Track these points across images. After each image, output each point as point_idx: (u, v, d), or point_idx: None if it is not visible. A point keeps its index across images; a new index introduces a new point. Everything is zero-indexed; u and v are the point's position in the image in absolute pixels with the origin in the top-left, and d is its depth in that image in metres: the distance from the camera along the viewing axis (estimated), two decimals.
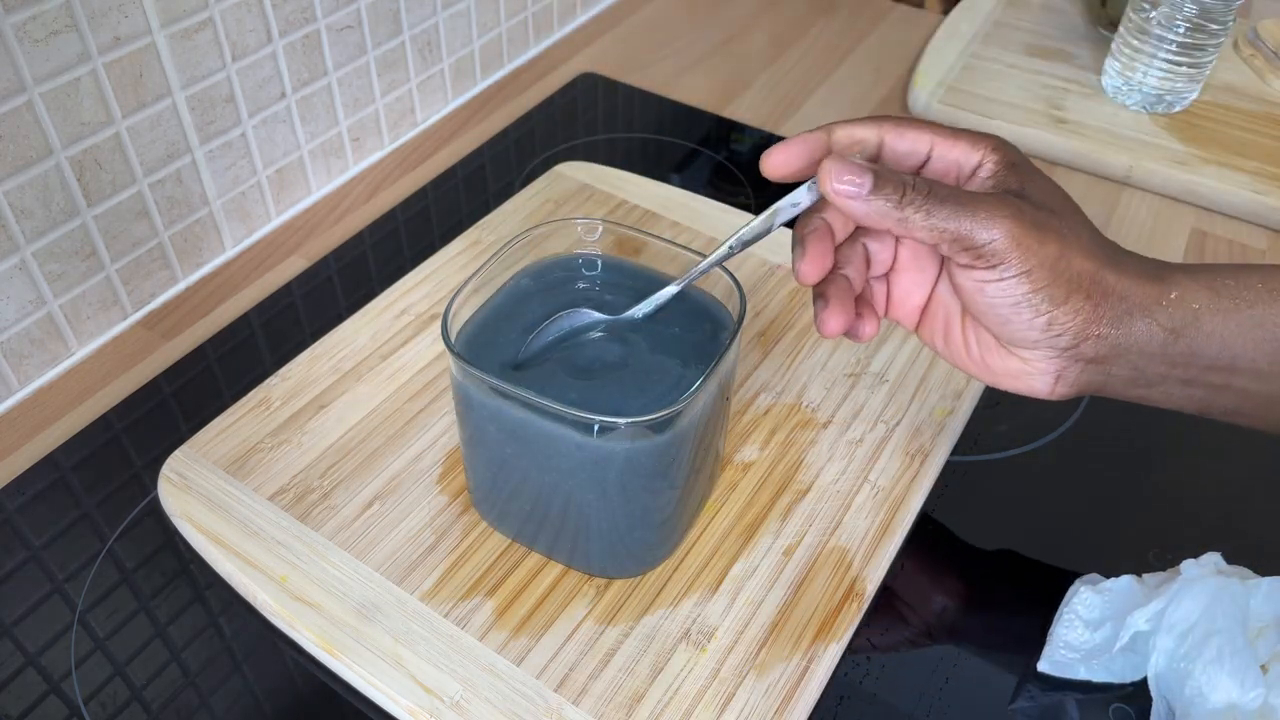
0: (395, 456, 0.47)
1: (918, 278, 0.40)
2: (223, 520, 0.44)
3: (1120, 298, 0.36)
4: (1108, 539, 0.47)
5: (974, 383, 0.51)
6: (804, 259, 0.38)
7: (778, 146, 0.38)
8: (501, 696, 0.38)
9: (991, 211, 0.34)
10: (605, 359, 0.40)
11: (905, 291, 0.41)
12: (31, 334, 0.52)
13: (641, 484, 0.39)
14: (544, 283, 0.43)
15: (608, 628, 0.41)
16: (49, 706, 0.40)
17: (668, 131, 0.75)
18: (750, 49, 0.84)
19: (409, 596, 0.42)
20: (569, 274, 0.44)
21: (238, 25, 0.56)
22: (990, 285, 0.35)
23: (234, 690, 0.41)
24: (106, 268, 0.55)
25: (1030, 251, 0.34)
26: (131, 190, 0.54)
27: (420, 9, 0.68)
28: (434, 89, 0.73)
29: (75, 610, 0.43)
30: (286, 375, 0.51)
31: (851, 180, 0.34)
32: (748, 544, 0.44)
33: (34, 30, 0.46)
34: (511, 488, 0.41)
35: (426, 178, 0.69)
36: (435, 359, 0.52)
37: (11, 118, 0.47)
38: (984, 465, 0.50)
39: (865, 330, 0.40)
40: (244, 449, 0.47)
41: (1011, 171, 0.36)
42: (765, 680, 0.39)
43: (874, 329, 0.40)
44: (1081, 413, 0.53)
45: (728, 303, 0.42)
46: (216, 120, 0.57)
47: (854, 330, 0.40)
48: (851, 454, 0.48)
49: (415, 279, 0.57)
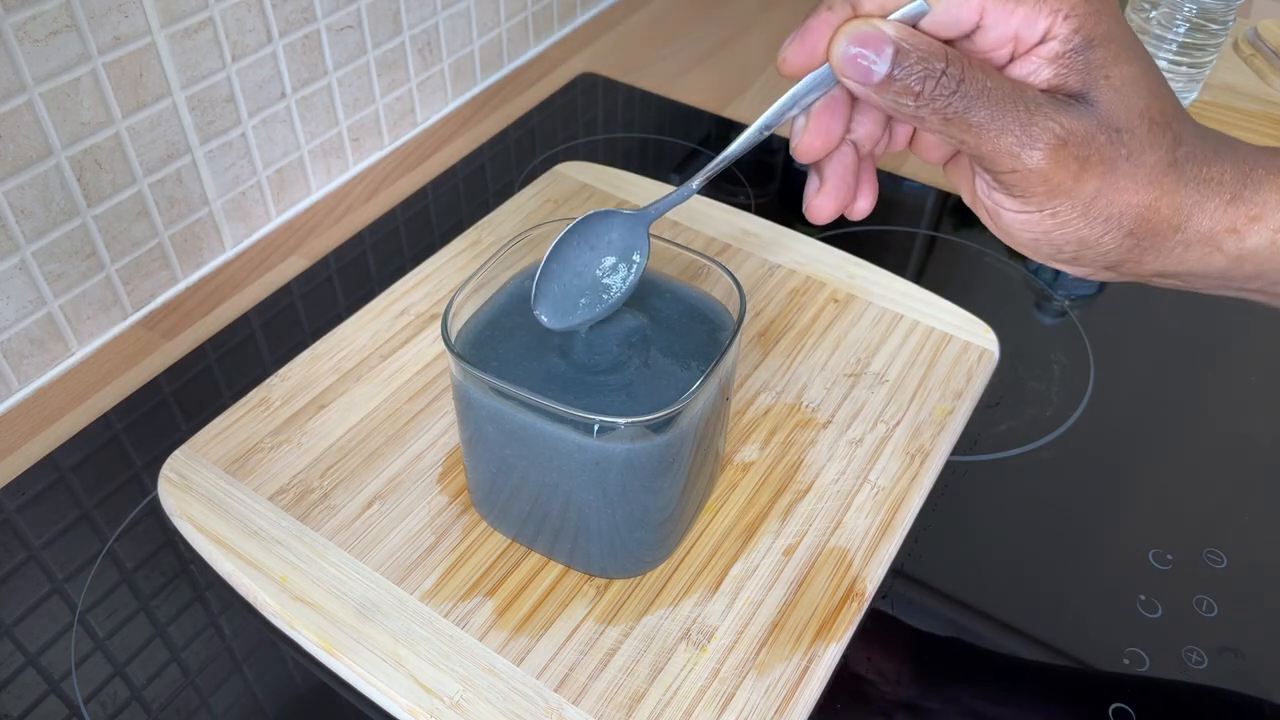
0: (395, 456, 0.47)
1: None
2: (223, 520, 0.44)
3: (1175, 229, 0.30)
4: (1108, 539, 0.47)
5: (974, 383, 0.51)
6: (807, 131, 0.32)
7: (795, 35, 0.31)
8: (501, 696, 0.38)
9: (1022, 136, 0.28)
10: (605, 358, 0.40)
11: (932, 141, 0.35)
12: (31, 334, 0.52)
13: (641, 484, 0.39)
14: None
15: (608, 628, 0.41)
16: (49, 706, 0.40)
17: (668, 131, 0.75)
18: (750, 49, 0.84)
19: (409, 596, 0.42)
20: None
21: (238, 25, 0.56)
22: (1007, 214, 0.31)
23: (234, 690, 0.41)
24: (106, 268, 0.55)
25: (1060, 189, 0.29)
26: (131, 190, 0.54)
27: (420, 9, 0.68)
28: (434, 89, 0.73)
29: (75, 610, 0.43)
30: (286, 375, 0.51)
31: (864, 56, 0.28)
32: (748, 544, 0.44)
33: (34, 30, 0.46)
34: (511, 488, 0.41)
35: (426, 178, 0.69)
36: (435, 359, 0.52)
37: (11, 118, 0.47)
38: (984, 465, 0.50)
39: (859, 208, 0.35)
40: (244, 449, 0.47)
41: (1086, 53, 0.29)
42: (765, 680, 0.39)
43: (869, 205, 0.35)
44: (1081, 413, 0.53)
45: (728, 303, 0.42)
46: (216, 120, 0.57)
47: (847, 209, 0.34)
48: (851, 454, 0.48)
49: (415, 279, 0.57)
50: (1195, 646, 0.42)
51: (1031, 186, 0.29)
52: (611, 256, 0.39)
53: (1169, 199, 0.30)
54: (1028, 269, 0.62)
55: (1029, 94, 0.29)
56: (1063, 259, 0.31)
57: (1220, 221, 0.30)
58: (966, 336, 0.54)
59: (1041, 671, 0.42)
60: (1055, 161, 0.28)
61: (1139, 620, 0.43)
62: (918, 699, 0.41)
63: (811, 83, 0.32)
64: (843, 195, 0.33)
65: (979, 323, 0.54)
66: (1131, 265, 0.31)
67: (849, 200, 0.34)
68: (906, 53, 0.28)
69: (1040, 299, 0.60)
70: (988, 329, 0.54)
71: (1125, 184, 0.29)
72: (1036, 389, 0.54)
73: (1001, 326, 0.54)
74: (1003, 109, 0.28)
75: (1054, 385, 0.54)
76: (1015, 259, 0.63)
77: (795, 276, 0.57)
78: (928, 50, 0.28)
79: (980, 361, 0.52)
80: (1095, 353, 0.56)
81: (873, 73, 0.28)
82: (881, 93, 0.28)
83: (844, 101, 0.32)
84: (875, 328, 0.54)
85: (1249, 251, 0.31)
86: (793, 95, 0.32)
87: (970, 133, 0.28)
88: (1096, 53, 0.29)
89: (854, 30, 0.28)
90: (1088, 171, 0.29)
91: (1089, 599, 0.44)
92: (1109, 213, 0.29)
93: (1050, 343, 0.57)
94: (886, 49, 0.28)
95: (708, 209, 0.62)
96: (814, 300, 0.56)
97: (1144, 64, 0.30)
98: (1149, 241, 0.30)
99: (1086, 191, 0.29)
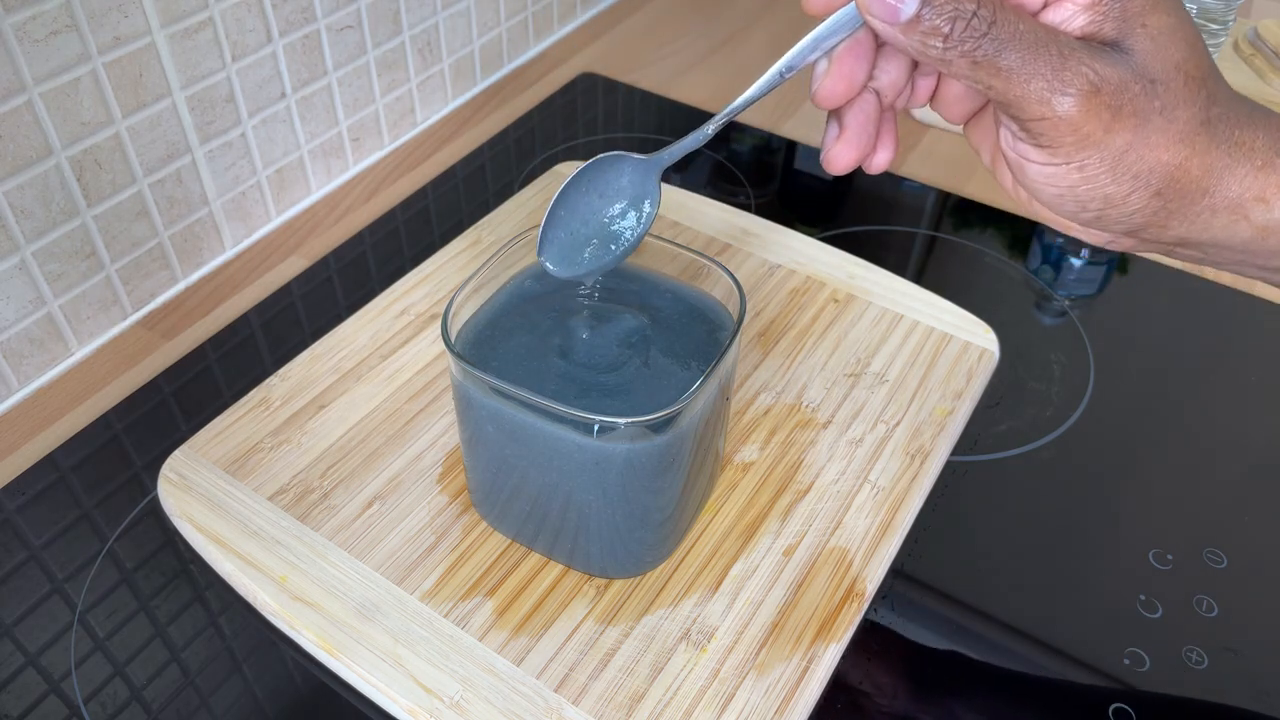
0: (395, 456, 0.47)
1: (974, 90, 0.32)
2: (223, 520, 0.44)
3: (1204, 193, 0.29)
4: (1108, 539, 0.47)
5: (974, 382, 0.51)
6: (829, 75, 0.31)
7: None
8: (501, 696, 0.38)
9: (1054, 80, 0.27)
10: (606, 358, 0.40)
11: (955, 95, 0.34)
12: (31, 334, 0.52)
13: (641, 484, 0.39)
14: (544, 283, 0.43)
15: (608, 628, 0.41)
16: (49, 706, 0.40)
17: (668, 131, 0.75)
18: (750, 49, 0.84)
19: (409, 596, 0.42)
20: None
21: (238, 25, 0.56)
22: (1032, 166, 0.29)
23: (234, 690, 0.41)
24: (106, 268, 0.55)
25: (1090, 140, 0.28)
26: (131, 190, 0.54)
27: (420, 9, 0.68)
28: (434, 89, 0.73)
29: (75, 610, 0.43)
30: (286, 375, 0.51)
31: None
32: (748, 544, 0.44)
33: (34, 30, 0.46)
34: (511, 488, 0.41)
35: (426, 178, 0.69)
36: (435, 359, 0.52)
37: (11, 118, 0.47)
38: (984, 465, 0.50)
39: (878, 160, 0.34)
40: (244, 449, 0.47)
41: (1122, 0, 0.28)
42: (765, 680, 0.39)
43: (888, 158, 0.34)
44: (1081, 413, 0.53)
45: (728, 303, 0.42)
46: (216, 120, 0.57)
47: (866, 161, 0.33)
48: (851, 454, 0.48)
49: (415, 279, 0.57)
50: (1195, 646, 0.42)
51: (1060, 135, 0.28)
52: (621, 203, 0.38)
53: (1200, 159, 0.29)
54: (1028, 269, 0.62)
55: (1062, 39, 0.28)
56: (1086, 218, 0.30)
57: (1250, 188, 0.29)
58: (966, 336, 0.54)
59: (1041, 671, 0.42)
60: (1087, 109, 0.27)
61: (1139, 620, 0.43)
62: (918, 699, 0.41)
63: (835, 24, 0.30)
64: (863, 145, 0.32)
65: (979, 323, 0.54)
66: (1155, 230, 0.30)
67: (868, 151, 0.33)
68: None
69: (1040, 299, 0.60)
70: (988, 329, 0.54)
71: (1157, 139, 0.28)
72: (1036, 389, 0.54)
73: (1001, 326, 0.54)
74: (1034, 53, 0.27)
75: (1054, 385, 0.54)
76: (1015, 259, 0.63)
77: (795, 276, 0.57)
78: None
79: (980, 361, 0.52)
80: (1095, 353, 0.56)
81: (900, 12, 0.27)
82: (909, 34, 0.27)
83: (868, 46, 0.31)
84: (875, 328, 0.54)
85: (1276, 223, 0.30)
86: (814, 38, 0.31)
87: (1000, 77, 0.27)
88: (1133, 0, 0.28)
89: None
90: (1119, 122, 0.28)
91: (1089, 599, 0.44)
92: (1138, 168, 0.28)
93: (1050, 343, 0.57)
94: None
95: (708, 209, 0.62)
96: (814, 300, 0.56)
97: (1181, 15, 0.29)
98: (1176, 204, 0.29)
99: (1117, 144, 0.28)
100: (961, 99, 0.34)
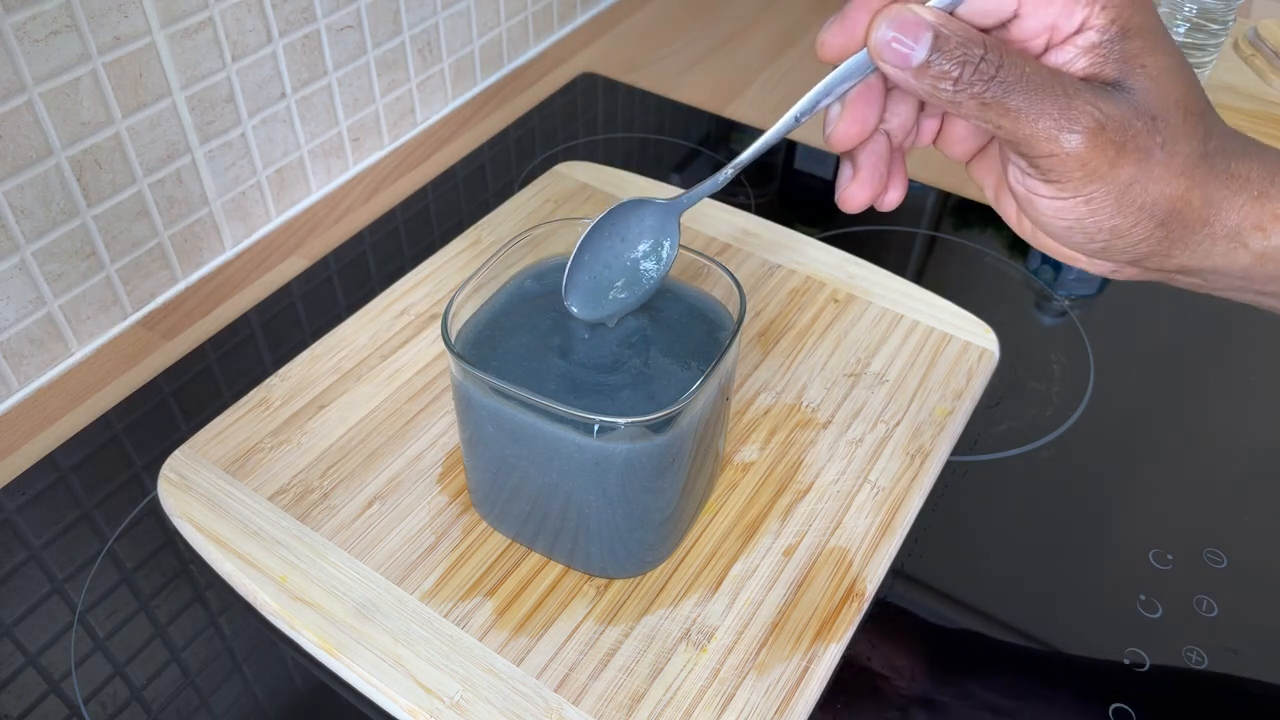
0: (395, 456, 0.47)
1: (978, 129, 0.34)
2: (222, 520, 0.44)
3: (1204, 223, 0.31)
4: (1108, 539, 0.47)
5: (974, 382, 0.51)
6: (842, 118, 0.32)
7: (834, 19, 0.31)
8: (501, 696, 0.38)
9: (1061, 119, 0.28)
10: (605, 358, 0.40)
11: (959, 135, 0.35)
12: (31, 334, 0.52)
13: (641, 484, 0.39)
14: (544, 283, 0.43)
15: (608, 628, 0.41)
16: (49, 706, 0.40)
17: (668, 131, 0.75)
18: (750, 49, 0.84)
19: (409, 596, 0.42)
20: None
21: (238, 25, 0.56)
22: (1041, 200, 0.31)
23: (234, 690, 0.41)
24: (106, 268, 0.55)
25: (1096, 175, 0.29)
26: (131, 190, 0.54)
27: (420, 9, 0.68)
28: (434, 89, 0.73)
29: (75, 610, 0.43)
30: (286, 375, 0.51)
31: (902, 41, 0.28)
32: (748, 544, 0.44)
33: (34, 30, 0.46)
34: (511, 488, 0.41)
35: (426, 178, 0.69)
36: (435, 359, 0.52)
37: (11, 118, 0.47)
38: (984, 465, 0.50)
39: (890, 199, 0.35)
40: (244, 449, 0.47)
41: (1122, 44, 0.29)
42: (765, 680, 0.39)
43: (899, 196, 0.35)
44: (1081, 413, 0.53)
45: (727, 303, 0.42)
46: (216, 120, 0.57)
47: (878, 200, 0.35)
48: (851, 454, 0.48)
49: (415, 279, 0.57)
50: (1195, 646, 0.42)
51: (1068, 171, 0.29)
52: (642, 246, 0.39)
53: (1200, 191, 0.30)
54: (1028, 269, 0.62)
55: (1066, 80, 0.29)
56: (1093, 249, 0.31)
57: (1248, 217, 0.31)
58: (966, 336, 0.54)
59: (1041, 671, 0.42)
60: (1093, 145, 0.28)
61: (1139, 620, 0.43)
62: (918, 699, 0.41)
63: (846, 71, 0.31)
64: (876, 185, 0.34)
65: (979, 323, 0.54)
66: (1159, 259, 0.31)
67: (881, 190, 0.34)
68: (945, 38, 0.28)
69: (1040, 299, 0.60)
70: (988, 329, 0.54)
71: (1159, 172, 0.29)
72: (1036, 389, 0.54)
73: (1001, 326, 0.54)
74: (1041, 94, 0.28)
75: (1054, 385, 0.54)
76: (1015, 259, 0.63)
77: (795, 276, 0.57)
78: (966, 36, 0.28)
79: (980, 361, 0.52)
80: (1095, 353, 0.56)
81: (911, 58, 0.28)
82: (919, 78, 0.29)
83: (879, 90, 0.32)
84: (875, 328, 0.54)
85: (1273, 249, 0.31)
86: (828, 83, 0.32)
87: (1008, 117, 0.28)
88: (1132, 43, 0.29)
89: (893, 15, 0.29)
90: (1124, 157, 0.29)
91: (1089, 599, 0.44)
92: (1142, 200, 0.30)
93: (1050, 343, 0.57)
94: (925, 34, 0.28)
95: (708, 209, 0.62)
96: (814, 300, 0.56)
97: (1177, 56, 0.30)
98: (1179, 233, 0.31)
99: (1122, 178, 0.29)
100: (965, 138, 0.35)
